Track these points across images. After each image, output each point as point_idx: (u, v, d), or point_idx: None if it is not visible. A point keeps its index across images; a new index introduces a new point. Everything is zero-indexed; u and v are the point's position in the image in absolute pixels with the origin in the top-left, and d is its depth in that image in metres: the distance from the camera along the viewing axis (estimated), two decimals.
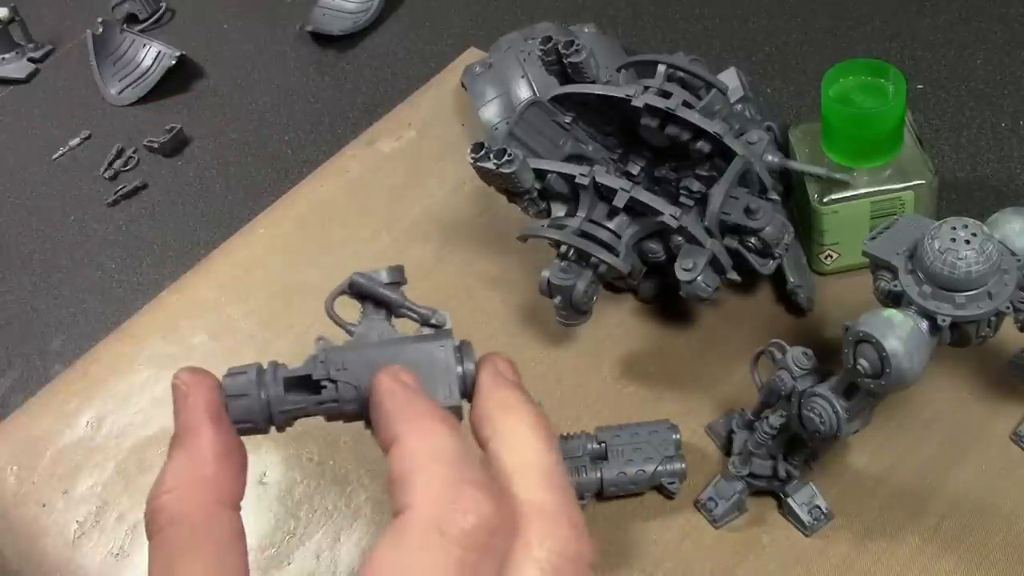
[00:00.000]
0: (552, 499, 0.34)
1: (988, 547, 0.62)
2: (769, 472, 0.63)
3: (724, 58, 0.93)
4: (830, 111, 0.69)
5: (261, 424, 0.37)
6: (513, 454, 0.35)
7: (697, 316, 0.76)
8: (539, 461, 0.35)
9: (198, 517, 0.33)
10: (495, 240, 0.82)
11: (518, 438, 0.35)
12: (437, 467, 0.32)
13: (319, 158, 0.94)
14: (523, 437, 0.35)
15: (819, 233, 0.73)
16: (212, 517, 0.33)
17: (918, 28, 0.93)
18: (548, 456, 0.35)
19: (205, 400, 0.36)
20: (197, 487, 0.34)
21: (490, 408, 0.36)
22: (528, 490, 0.34)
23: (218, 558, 0.33)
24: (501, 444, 0.35)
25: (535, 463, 0.35)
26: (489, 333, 0.77)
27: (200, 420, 0.35)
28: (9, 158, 1.07)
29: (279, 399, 0.36)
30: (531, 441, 0.35)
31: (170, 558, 0.32)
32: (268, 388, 0.36)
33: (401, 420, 0.34)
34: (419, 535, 0.31)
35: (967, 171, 0.81)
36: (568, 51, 0.70)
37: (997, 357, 0.68)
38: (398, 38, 1.06)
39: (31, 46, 1.15)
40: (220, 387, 0.36)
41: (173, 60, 1.07)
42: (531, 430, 0.36)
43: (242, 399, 0.36)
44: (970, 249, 0.53)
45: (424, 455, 0.33)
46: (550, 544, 0.33)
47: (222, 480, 0.34)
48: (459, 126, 0.92)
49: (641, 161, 0.74)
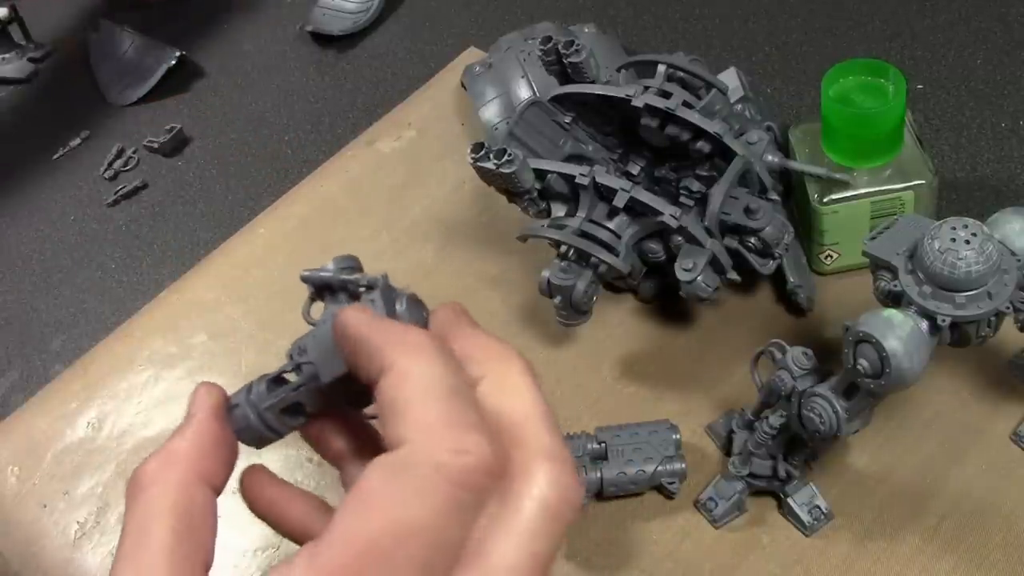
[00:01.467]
0: (559, 444, 0.34)
1: (988, 547, 0.62)
2: (769, 472, 0.63)
3: (724, 58, 0.93)
4: (830, 111, 0.69)
5: (259, 427, 0.38)
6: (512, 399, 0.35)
7: (697, 316, 0.76)
8: (539, 407, 0.35)
9: (178, 486, 0.34)
10: (495, 240, 0.82)
11: (511, 383, 0.35)
12: (435, 402, 0.32)
13: (319, 158, 0.95)
14: (517, 382, 0.35)
15: (819, 233, 0.73)
16: (191, 488, 0.35)
17: (918, 28, 0.93)
18: (544, 403, 0.35)
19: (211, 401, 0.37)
20: (183, 460, 0.35)
21: (471, 349, 0.36)
22: (537, 436, 0.34)
23: (189, 527, 0.34)
24: (496, 388, 0.35)
25: (536, 409, 0.35)
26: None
27: (199, 410, 0.37)
28: (9, 158, 1.07)
29: (261, 396, 0.38)
30: (526, 387, 0.35)
31: (144, 518, 0.34)
32: (254, 392, 0.38)
33: (388, 345, 0.34)
34: (417, 472, 0.31)
35: (967, 171, 0.81)
36: (568, 51, 0.70)
37: (997, 357, 0.68)
38: (398, 38, 1.06)
39: (31, 46, 1.15)
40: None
41: (173, 60, 1.07)
42: (522, 376, 0.35)
43: (236, 408, 0.38)
44: (970, 249, 0.53)
45: (421, 386, 0.33)
46: (558, 487, 0.33)
47: (207, 460, 0.36)
48: (459, 126, 0.92)
49: (641, 161, 0.74)
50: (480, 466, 0.31)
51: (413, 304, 0.37)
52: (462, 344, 0.36)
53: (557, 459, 0.33)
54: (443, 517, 0.31)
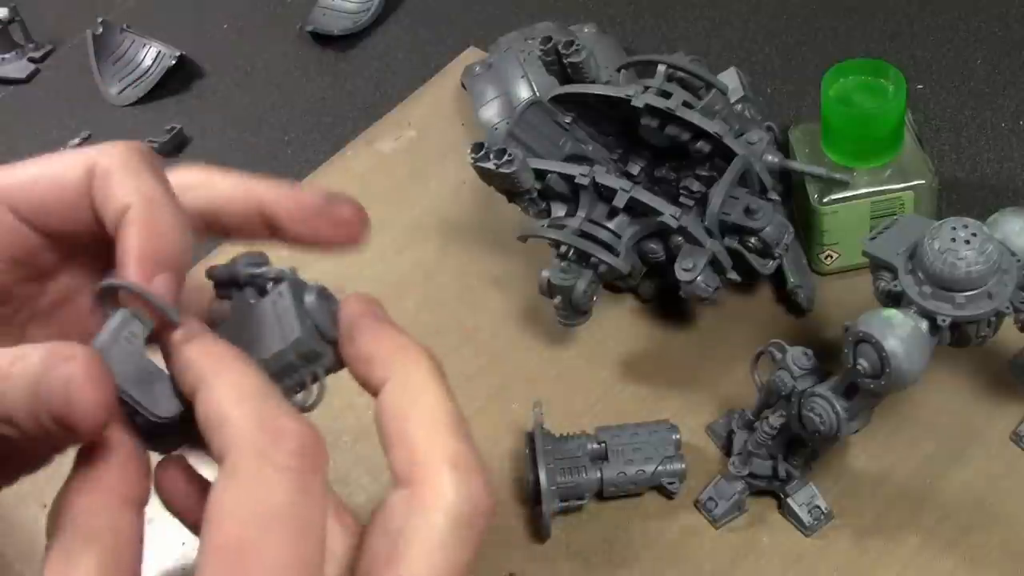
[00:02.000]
0: (465, 450, 0.33)
1: (988, 547, 0.62)
2: (769, 472, 0.63)
3: (724, 58, 0.93)
4: (830, 111, 0.69)
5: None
6: (417, 402, 0.34)
7: (697, 316, 0.76)
8: (446, 408, 0.34)
9: (100, 516, 0.33)
10: (495, 240, 0.82)
11: (417, 384, 0.35)
12: (245, 407, 0.32)
13: (319, 158, 0.94)
14: (423, 381, 0.35)
15: (819, 233, 0.73)
16: (114, 516, 0.33)
17: (918, 28, 0.93)
18: (452, 404, 0.34)
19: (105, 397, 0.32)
20: (101, 487, 0.33)
21: (376, 348, 0.35)
22: (439, 439, 0.33)
23: (116, 559, 0.32)
24: (400, 390, 0.34)
25: (442, 410, 0.34)
26: (489, 333, 0.77)
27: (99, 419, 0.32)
28: (9, 158, 1.07)
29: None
30: (433, 386, 0.34)
31: (67, 553, 0.32)
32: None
33: (199, 370, 0.34)
34: (248, 469, 0.31)
35: (967, 171, 0.81)
36: (568, 51, 0.70)
37: (997, 357, 0.68)
38: (398, 38, 1.05)
39: (31, 46, 1.15)
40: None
41: (173, 60, 1.07)
42: (429, 377, 0.35)
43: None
44: (970, 249, 0.53)
45: (231, 400, 0.33)
46: (465, 495, 0.33)
47: (128, 479, 0.34)
48: (459, 126, 0.92)
49: (641, 161, 0.74)
50: (305, 443, 0.32)
51: (322, 297, 0.36)
52: (368, 341, 0.35)
53: (462, 467, 0.33)
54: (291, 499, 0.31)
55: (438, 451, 0.33)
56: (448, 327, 0.77)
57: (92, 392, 0.31)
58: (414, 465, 0.33)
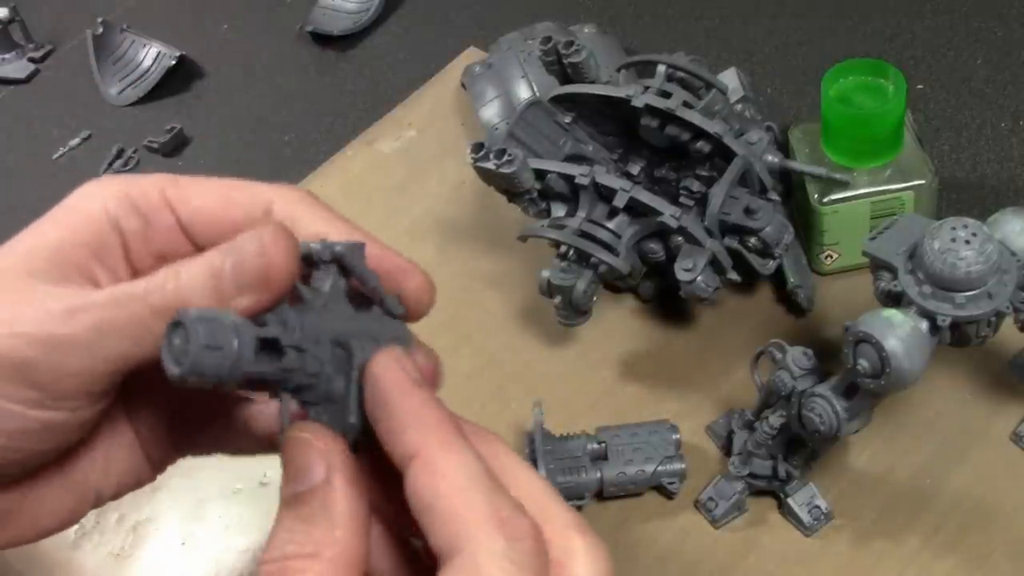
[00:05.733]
0: (580, 516, 0.35)
1: (988, 547, 0.62)
2: (769, 472, 0.63)
3: (724, 58, 0.93)
4: (830, 111, 0.69)
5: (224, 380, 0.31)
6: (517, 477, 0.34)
7: (697, 316, 0.76)
8: (545, 481, 0.35)
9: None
10: (495, 240, 0.82)
11: (506, 461, 0.35)
12: (478, 497, 0.31)
13: (319, 158, 0.94)
14: (511, 460, 0.35)
15: (819, 233, 0.73)
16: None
17: (918, 28, 0.93)
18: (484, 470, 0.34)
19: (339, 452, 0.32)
20: (337, 560, 0.31)
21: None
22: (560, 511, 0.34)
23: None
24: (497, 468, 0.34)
25: (545, 484, 0.35)
26: (489, 333, 0.77)
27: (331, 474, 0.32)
28: (9, 158, 1.07)
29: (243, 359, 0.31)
30: (520, 463, 0.35)
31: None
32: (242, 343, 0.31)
33: (421, 429, 0.32)
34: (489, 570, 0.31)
35: (967, 171, 0.81)
36: (568, 51, 0.70)
37: (997, 357, 0.68)
38: (398, 38, 1.06)
39: (31, 46, 1.15)
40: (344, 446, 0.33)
41: (173, 60, 1.07)
42: (510, 454, 0.35)
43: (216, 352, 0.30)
44: (970, 249, 0.53)
45: (459, 484, 0.32)
46: (601, 560, 0.34)
47: (357, 547, 0.32)
48: (459, 126, 0.92)
49: (641, 161, 0.74)
50: (537, 545, 0.32)
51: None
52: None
53: (588, 531, 0.34)
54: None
55: (559, 519, 0.34)
56: (447, 327, 0.77)
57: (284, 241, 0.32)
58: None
